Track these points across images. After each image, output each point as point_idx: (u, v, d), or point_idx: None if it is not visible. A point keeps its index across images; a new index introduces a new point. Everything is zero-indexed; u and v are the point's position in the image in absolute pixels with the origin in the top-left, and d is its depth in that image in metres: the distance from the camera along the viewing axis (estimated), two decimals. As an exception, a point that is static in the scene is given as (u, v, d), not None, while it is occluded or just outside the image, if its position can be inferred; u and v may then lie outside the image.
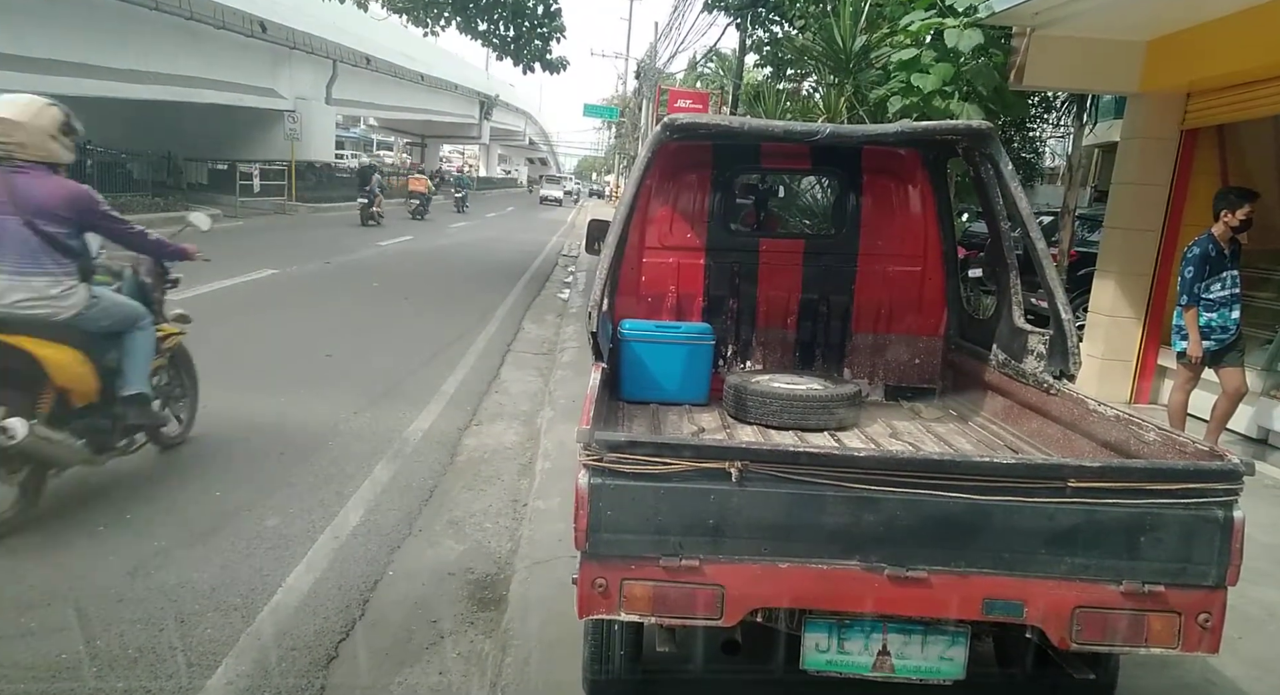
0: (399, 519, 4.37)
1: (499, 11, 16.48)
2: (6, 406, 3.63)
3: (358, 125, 59.42)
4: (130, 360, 4.20)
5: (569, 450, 4.97)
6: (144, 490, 4.44)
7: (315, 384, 6.77)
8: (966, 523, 2.18)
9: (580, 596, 2.24)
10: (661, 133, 3.40)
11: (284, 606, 3.40)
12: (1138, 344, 7.32)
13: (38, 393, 3.80)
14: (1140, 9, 6.14)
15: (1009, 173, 3.37)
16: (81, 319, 3.96)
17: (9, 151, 3.78)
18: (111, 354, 4.17)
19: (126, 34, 18.78)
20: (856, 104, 8.59)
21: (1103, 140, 13.62)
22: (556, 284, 14.35)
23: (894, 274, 4.21)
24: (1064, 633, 2.20)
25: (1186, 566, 2.18)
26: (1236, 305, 5.45)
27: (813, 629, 2.34)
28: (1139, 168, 7.20)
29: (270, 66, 25.14)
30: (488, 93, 48.28)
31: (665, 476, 2.18)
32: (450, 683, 3.01)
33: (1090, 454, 2.86)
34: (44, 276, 3.83)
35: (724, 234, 4.27)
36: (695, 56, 31.55)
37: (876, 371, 4.27)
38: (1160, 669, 3.12)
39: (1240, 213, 5.39)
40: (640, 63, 35.89)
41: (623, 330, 3.82)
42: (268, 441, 5.32)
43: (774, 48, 14.23)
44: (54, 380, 3.83)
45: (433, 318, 10.14)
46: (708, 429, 3.52)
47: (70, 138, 3.98)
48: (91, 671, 2.89)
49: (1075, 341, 3.21)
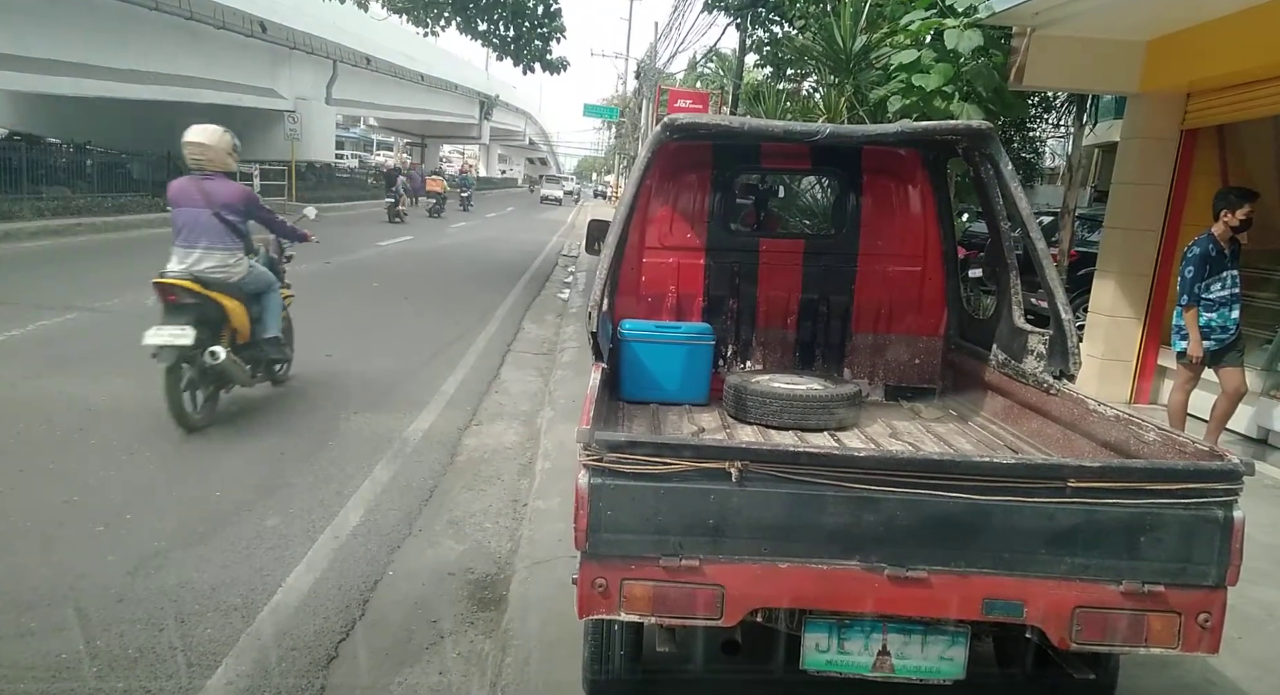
0: (399, 519, 4.37)
1: (499, 11, 16.48)
2: (211, 338, 5.24)
3: (358, 125, 59.42)
4: (268, 312, 5.80)
5: (569, 450, 4.97)
6: (147, 488, 4.45)
7: (315, 384, 6.77)
8: (966, 523, 2.18)
9: (580, 596, 2.24)
10: (661, 133, 3.39)
11: (284, 606, 3.40)
12: (1138, 344, 7.32)
13: (221, 331, 5.37)
14: (1140, 9, 6.14)
15: (1009, 173, 3.37)
16: (243, 281, 5.53)
17: (201, 165, 5.40)
18: (255, 308, 5.70)
19: (126, 34, 18.77)
20: (856, 104, 8.59)
21: (1103, 140, 13.64)
22: (556, 284, 14.35)
23: (894, 274, 4.21)
24: (1064, 633, 2.20)
25: (1186, 566, 2.18)
26: (1236, 305, 5.45)
27: (813, 629, 2.34)
28: (1139, 168, 7.20)
29: (270, 66, 25.14)
30: (488, 93, 48.28)
31: (665, 476, 2.18)
32: (450, 683, 3.01)
33: (1090, 454, 2.86)
34: (225, 251, 5.39)
35: (724, 234, 4.27)
36: (695, 56, 31.61)
37: (876, 371, 4.27)
38: (1160, 669, 3.12)
39: (1240, 213, 5.39)
40: (640, 63, 35.90)
41: (623, 330, 3.82)
42: (268, 441, 5.32)
43: (774, 48, 14.22)
44: (231, 323, 5.42)
45: (433, 318, 10.13)
46: (708, 429, 3.52)
47: (236, 154, 5.55)
48: (91, 671, 2.89)
49: (1075, 341, 3.21)
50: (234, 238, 5.42)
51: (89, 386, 6.06)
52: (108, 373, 6.43)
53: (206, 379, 5.38)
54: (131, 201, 19.16)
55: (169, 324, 5.14)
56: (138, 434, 5.22)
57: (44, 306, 8.56)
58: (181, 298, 5.23)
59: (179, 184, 5.45)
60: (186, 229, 5.34)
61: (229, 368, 5.35)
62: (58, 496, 4.28)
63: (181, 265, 5.32)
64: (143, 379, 6.37)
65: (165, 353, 5.09)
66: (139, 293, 9.70)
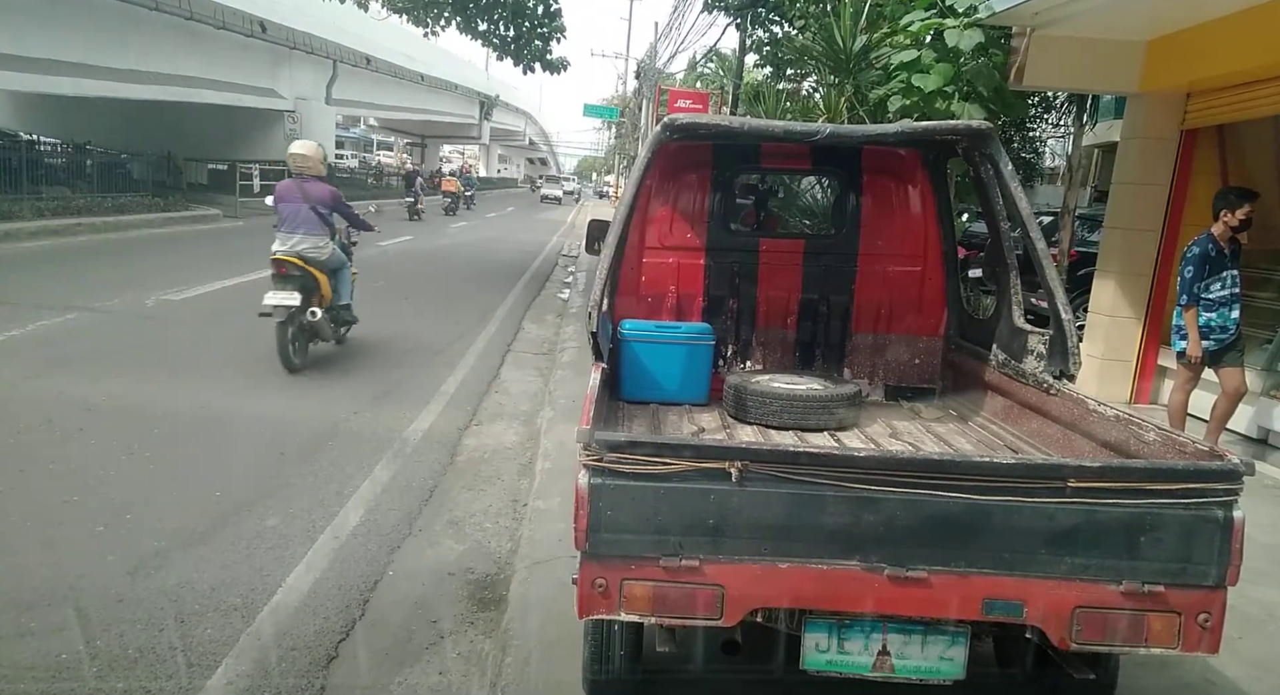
0: (399, 519, 4.37)
1: (499, 11, 16.46)
2: (308, 302, 6.90)
3: (358, 125, 59.38)
4: (343, 284, 7.48)
5: (569, 450, 4.97)
6: (147, 487, 4.46)
7: (315, 383, 6.78)
8: (966, 523, 2.18)
9: (580, 596, 2.24)
10: (661, 133, 3.39)
11: (284, 606, 3.40)
12: (1138, 344, 7.32)
13: (314, 297, 6.96)
14: (1140, 9, 6.14)
15: (1009, 173, 3.37)
16: (328, 260, 7.14)
17: (301, 170, 7.05)
18: (334, 280, 7.28)
19: (126, 34, 18.75)
20: (856, 104, 8.58)
21: (1103, 140, 13.63)
22: (556, 284, 14.35)
23: (894, 274, 4.21)
24: (1064, 633, 2.20)
25: (1186, 566, 2.18)
26: (1236, 305, 5.45)
27: (813, 629, 2.34)
28: (1139, 168, 7.20)
29: (270, 66, 25.11)
30: (488, 93, 48.21)
31: (665, 476, 2.18)
32: (450, 683, 3.01)
33: (1090, 454, 2.86)
34: (317, 236, 7.01)
35: (724, 234, 4.27)
36: (695, 56, 31.58)
37: (876, 371, 4.27)
38: (1160, 669, 3.12)
39: (1240, 212, 5.38)
40: (640, 63, 35.87)
41: (623, 330, 3.82)
42: (267, 441, 5.32)
43: (774, 48, 14.21)
44: (321, 291, 7.04)
45: (433, 317, 10.13)
46: (708, 429, 3.52)
47: (326, 162, 7.43)
48: (91, 671, 2.89)
49: (1075, 341, 3.21)
50: (324, 226, 7.04)
51: (89, 386, 6.07)
52: (108, 373, 6.44)
53: (304, 333, 7.03)
54: (131, 201, 19.13)
55: (280, 290, 6.74)
56: (138, 434, 5.22)
57: (44, 306, 8.55)
58: (290, 270, 6.84)
59: (285, 184, 7.06)
60: (289, 219, 6.94)
61: (321, 325, 7.11)
62: (58, 496, 4.28)
63: (285, 246, 6.90)
64: (143, 378, 6.41)
65: (278, 311, 6.71)
66: (139, 293, 9.73)
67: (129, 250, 14.26)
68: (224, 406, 5.87)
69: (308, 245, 6.94)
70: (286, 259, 6.83)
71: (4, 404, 5.65)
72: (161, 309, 9.11)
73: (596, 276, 3.35)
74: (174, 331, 8.14)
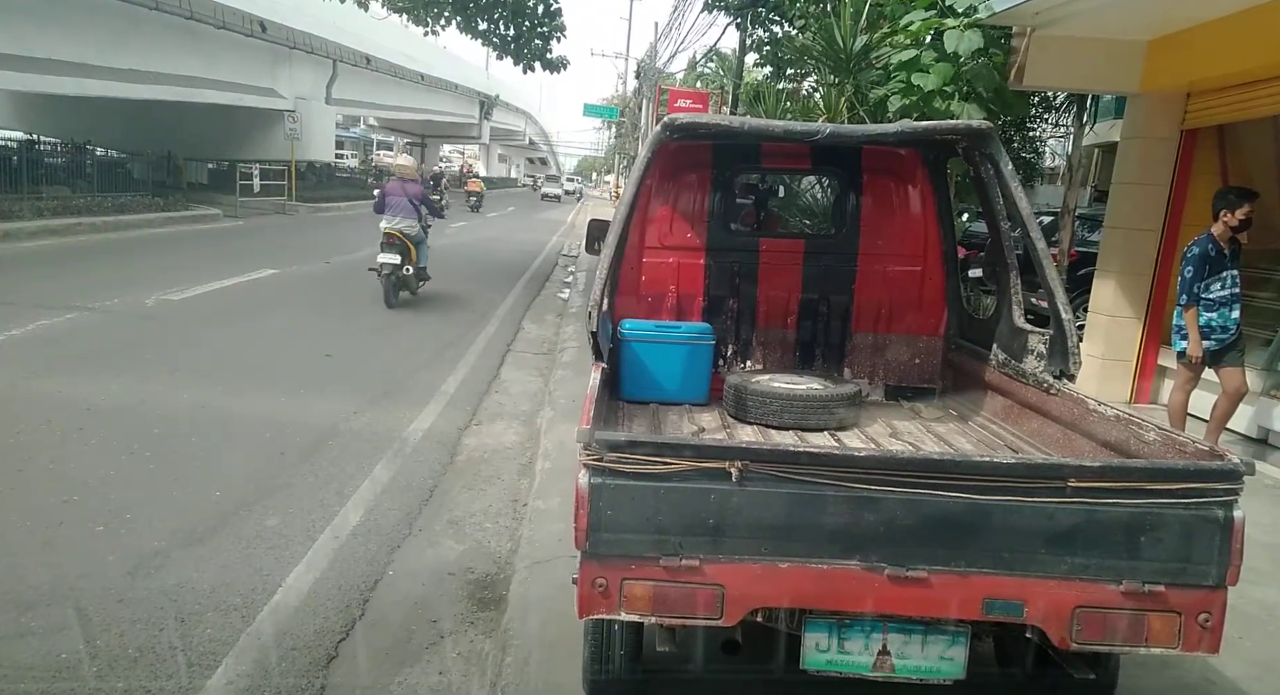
0: (399, 519, 4.37)
1: (499, 11, 16.45)
2: (404, 262, 10.34)
3: (358, 125, 59.36)
4: (422, 254, 10.77)
5: (569, 450, 4.97)
6: (147, 487, 4.46)
7: (315, 384, 6.78)
8: (966, 522, 2.18)
9: (580, 596, 2.24)
10: (661, 132, 3.39)
11: (284, 606, 3.40)
12: (1138, 344, 7.32)
13: (406, 260, 10.31)
14: (1140, 9, 6.14)
15: (1009, 173, 3.36)
16: (415, 236, 10.45)
17: (403, 174, 10.74)
18: (418, 250, 10.56)
19: (126, 34, 18.76)
20: (856, 104, 8.58)
21: (1103, 140, 13.64)
22: (556, 284, 14.36)
23: (894, 274, 4.21)
24: (1064, 632, 2.20)
25: (1187, 566, 2.18)
26: (1236, 305, 5.45)
27: (813, 629, 2.34)
28: (1139, 168, 7.19)
29: (270, 66, 25.12)
30: (488, 93, 48.20)
31: (665, 476, 2.18)
32: (450, 683, 3.01)
33: (1090, 454, 2.86)
34: (411, 219, 10.36)
35: (724, 234, 4.27)
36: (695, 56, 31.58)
37: (876, 371, 4.27)
38: (1160, 669, 3.12)
39: (1240, 212, 5.38)
40: (640, 63, 35.87)
41: (623, 330, 3.82)
42: (267, 441, 5.32)
43: (774, 48, 14.22)
44: (411, 256, 10.38)
45: (433, 317, 10.14)
46: (708, 429, 3.52)
47: (419, 170, 12.43)
48: (91, 671, 2.89)
49: (1075, 341, 3.21)
50: (415, 212, 10.36)
51: (89, 386, 6.07)
52: (108, 373, 6.44)
53: (400, 285, 10.38)
54: (131, 201, 19.13)
55: (386, 253, 10.08)
56: (138, 434, 5.22)
57: (44, 306, 8.55)
58: (394, 240, 10.16)
59: (392, 183, 10.48)
60: (393, 207, 10.26)
61: (411, 280, 10.54)
62: (58, 496, 4.28)
63: (390, 225, 10.18)
64: (143, 378, 6.42)
65: (385, 267, 10.07)
66: (139, 292, 9.73)
67: (129, 250, 14.26)
68: (223, 406, 5.87)
69: (405, 225, 10.22)
70: (393, 232, 10.10)
71: (4, 404, 5.65)
72: (161, 309, 9.11)
73: (596, 276, 3.34)
74: (174, 331, 8.14)
